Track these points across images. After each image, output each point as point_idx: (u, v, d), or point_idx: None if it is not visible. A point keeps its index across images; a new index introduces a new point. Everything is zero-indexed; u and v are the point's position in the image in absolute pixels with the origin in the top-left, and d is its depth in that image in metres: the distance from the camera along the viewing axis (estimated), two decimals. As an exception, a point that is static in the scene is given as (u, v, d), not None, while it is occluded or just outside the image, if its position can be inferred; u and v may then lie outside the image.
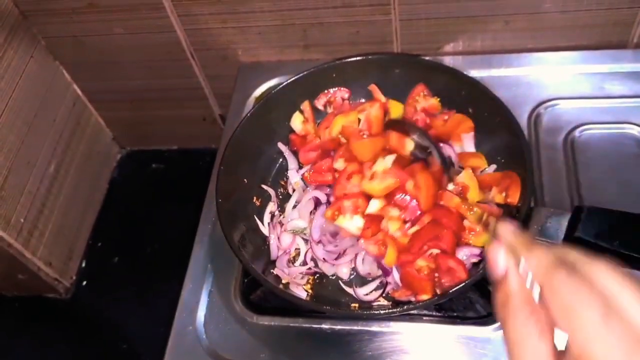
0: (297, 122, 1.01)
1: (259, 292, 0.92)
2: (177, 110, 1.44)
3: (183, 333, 0.92)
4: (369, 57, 1.00)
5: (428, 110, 0.98)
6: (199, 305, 0.93)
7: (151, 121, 1.50)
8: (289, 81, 1.00)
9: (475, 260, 0.83)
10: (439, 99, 0.99)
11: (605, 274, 0.40)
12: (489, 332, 0.83)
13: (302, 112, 1.02)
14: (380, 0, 1.06)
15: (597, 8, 1.03)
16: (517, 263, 0.45)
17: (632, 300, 0.39)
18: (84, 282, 1.43)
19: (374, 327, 0.87)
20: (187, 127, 1.50)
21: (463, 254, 0.83)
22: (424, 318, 0.86)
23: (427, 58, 1.04)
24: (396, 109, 0.98)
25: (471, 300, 0.86)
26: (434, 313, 0.86)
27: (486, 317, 0.85)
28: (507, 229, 0.48)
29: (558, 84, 1.05)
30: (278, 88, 1.00)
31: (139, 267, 1.42)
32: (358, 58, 0.99)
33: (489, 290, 0.83)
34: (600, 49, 1.08)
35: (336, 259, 0.90)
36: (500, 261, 0.46)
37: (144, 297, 1.37)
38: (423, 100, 0.98)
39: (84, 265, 1.45)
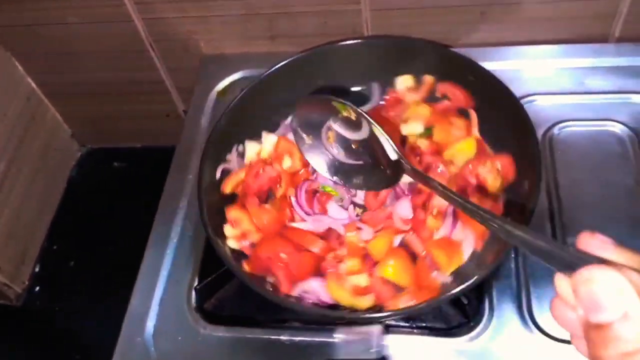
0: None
1: (214, 299, 0.85)
2: (140, 105, 1.37)
3: (130, 345, 0.85)
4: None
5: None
6: (149, 315, 0.87)
7: (112, 117, 1.42)
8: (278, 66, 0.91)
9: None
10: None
11: None
12: (460, 344, 0.77)
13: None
14: (350, -12, 1.00)
15: (576, 0, 0.97)
16: None
17: None
18: (37, 288, 1.34)
19: (338, 339, 0.80)
20: (150, 124, 1.42)
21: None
22: (390, 329, 0.79)
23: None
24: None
25: (441, 310, 0.79)
26: (402, 324, 0.80)
27: (457, 328, 0.79)
28: (565, 285, 0.37)
29: (537, 79, 1.00)
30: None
31: (96, 271, 1.34)
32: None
33: (460, 300, 0.77)
34: (581, 42, 1.02)
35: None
36: (567, 321, 0.38)
37: (102, 303, 1.28)
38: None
39: (37, 269, 1.37)
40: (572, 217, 0.85)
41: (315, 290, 0.77)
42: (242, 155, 0.91)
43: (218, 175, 0.88)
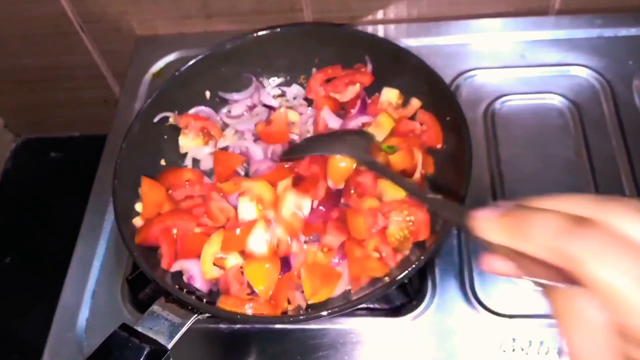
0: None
1: (148, 290, 0.81)
2: (75, 92, 1.30)
3: (62, 340, 0.81)
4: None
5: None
6: (81, 308, 0.83)
7: (47, 105, 1.35)
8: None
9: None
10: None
11: (631, 220, 0.31)
12: (404, 323, 0.76)
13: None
14: (286, -37, 0.96)
15: (515, -29, 0.96)
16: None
17: None
18: (-30, 286, 1.27)
19: (278, 326, 0.77)
20: (87, 111, 1.35)
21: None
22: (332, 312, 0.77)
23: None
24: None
25: (382, 290, 0.77)
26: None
27: (400, 308, 0.77)
28: (484, 227, 0.36)
29: (478, 53, 0.98)
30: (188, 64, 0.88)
31: (34, 267, 1.28)
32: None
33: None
34: (520, 15, 1.01)
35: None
36: (502, 272, 0.37)
37: (39, 300, 1.21)
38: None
39: (-30, 267, 1.30)
40: (514, 190, 0.85)
41: (189, 269, 0.75)
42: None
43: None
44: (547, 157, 0.87)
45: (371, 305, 0.77)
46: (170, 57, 1.06)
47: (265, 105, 0.93)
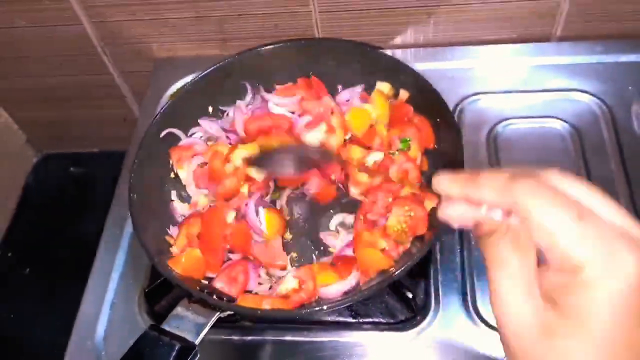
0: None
1: (164, 302, 0.85)
2: (95, 110, 1.36)
3: (81, 349, 0.85)
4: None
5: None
6: (100, 319, 0.87)
7: (68, 122, 1.41)
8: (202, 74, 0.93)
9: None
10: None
11: (565, 181, 0.39)
12: (408, 338, 0.79)
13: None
14: (298, -9, 1.01)
15: (518, 0, 1.00)
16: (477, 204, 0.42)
17: (599, 201, 0.38)
18: (-8, 296, 1.32)
19: (288, 337, 0.81)
20: (107, 128, 1.41)
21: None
22: (338, 324, 0.81)
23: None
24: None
25: (387, 306, 0.81)
26: (349, 320, 0.81)
27: (404, 322, 0.80)
28: (443, 182, 0.44)
29: (481, 78, 1.02)
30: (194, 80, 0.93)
31: (53, 278, 1.32)
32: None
33: (406, 295, 0.79)
34: (523, 42, 1.05)
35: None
36: (454, 217, 0.44)
37: (58, 310, 1.26)
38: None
39: (-8, 277, 1.34)
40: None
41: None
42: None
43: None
44: (548, 179, 0.90)
45: (377, 320, 0.81)
46: (187, 78, 1.10)
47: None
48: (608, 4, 1.01)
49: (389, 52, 1.00)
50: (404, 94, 0.91)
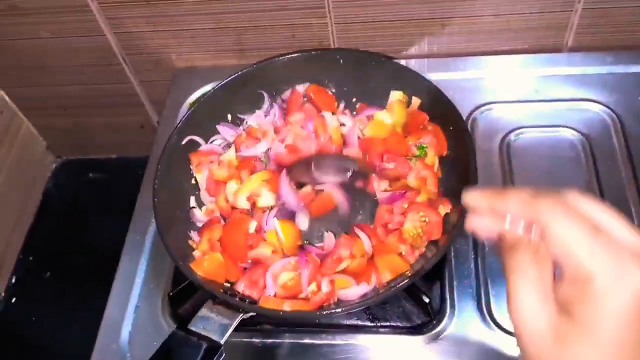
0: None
1: (188, 305, 0.87)
2: (114, 117, 1.39)
3: (106, 351, 0.87)
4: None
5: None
6: (124, 322, 0.89)
7: (87, 129, 1.44)
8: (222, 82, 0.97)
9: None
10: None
11: (583, 201, 0.42)
12: (424, 341, 0.81)
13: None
14: (315, 3, 1.04)
15: (530, 12, 1.03)
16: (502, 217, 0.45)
17: (614, 220, 0.41)
18: (13, 299, 1.35)
19: (307, 340, 0.84)
20: (125, 135, 1.44)
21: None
22: (356, 327, 0.83)
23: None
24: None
25: (405, 310, 0.83)
26: (367, 324, 0.84)
27: (421, 326, 0.83)
28: (473, 195, 0.47)
29: (494, 88, 1.05)
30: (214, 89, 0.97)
31: (72, 282, 1.36)
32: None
33: (423, 299, 0.81)
34: (535, 52, 1.08)
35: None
36: (480, 228, 0.47)
37: (78, 313, 1.30)
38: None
39: (13, 281, 1.38)
40: (528, 218, 0.90)
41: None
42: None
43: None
44: (560, 186, 0.92)
45: (394, 323, 0.83)
46: (206, 88, 1.13)
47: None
48: (618, 16, 1.03)
49: (403, 62, 1.03)
50: (415, 101, 0.94)
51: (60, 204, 1.48)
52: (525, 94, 1.03)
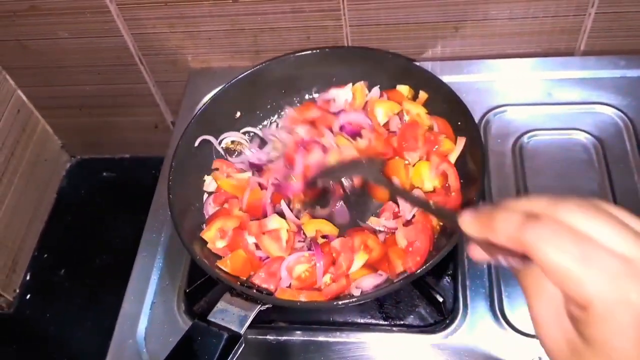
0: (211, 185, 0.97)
1: (203, 302, 0.88)
2: (129, 117, 1.41)
3: (123, 346, 0.88)
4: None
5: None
6: (140, 318, 0.90)
7: (102, 128, 1.46)
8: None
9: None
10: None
11: (578, 214, 0.40)
12: (437, 340, 0.82)
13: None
14: (330, 5, 1.05)
15: (543, 15, 1.03)
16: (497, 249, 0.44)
17: (612, 231, 0.39)
18: (28, 296, 1.37)
19: (321, 338, 0.85)
20: (139, 135, 1.46)
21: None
22: (370, 326, 0.84)
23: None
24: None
25: (418, 309, 0.84)
26: (381, 322, 0.85)
27: (434, 325, 0.83)
28: (466, 223, 0.46)
29: (507, 91, 1.05)
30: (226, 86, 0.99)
31: (86, 279, 1.37)
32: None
33: (436, 298, 0.82)
34: (548, 56, 1.08)
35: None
36: (479, 260, 0.47)
37: (91, 310, 1.32)
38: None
39: (28, 277, 1.39)
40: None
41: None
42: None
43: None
44: (572, 189, 0.93)
45: (407, 322, 0.84)
46: (221, 89, 1.16)
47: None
48: (631, 20, 1.04)
49: (416, 64, 1.04)
50: (422, 95, 0.96)
51: (74, 202, 1.50)
52: (538, 96, 1.04)
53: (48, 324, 1.33)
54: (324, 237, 0.87)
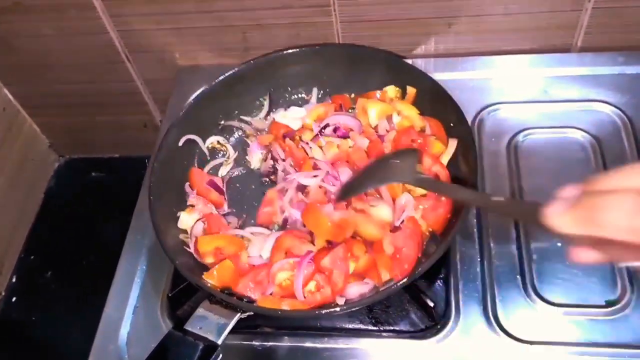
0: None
1: (186, 306, 0.86)
2: (117, 116, 1.38)
3: (104, 352, 0.86)
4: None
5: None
6: (122, 322, 0.88)
7: (90, 127, 1.43)
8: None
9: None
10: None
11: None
12: (428, 346, 0.79)
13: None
14: (320, 1, 1.02)
15: (539, 11, 1.01)
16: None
17: None
18: (14, 299, 1.34)
19: (308, 344, 0.82)
20: (128, 134, 1.43)
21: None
22: (359, 331, 0.81)
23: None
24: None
25: (408, 314, 0.82)
26: (370, 328, 0.82)
27: (425, 331, 0.81)
28: (559, 220, 0.37)
29: (502, 88, 1.03)
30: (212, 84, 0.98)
31: (73, 281, 1.35)
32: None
33: (427, 303, 0.80)
34: (544, 52, 1.06)
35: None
36: (591, 263, 0.39)
37: (79, 313, 1.28)
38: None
39: (14, 280, 1.37)
40: (535, 221, 0.88)
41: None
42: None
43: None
44: (568, 189, 0.91)
45: (397, 328, 0.81)
46: (210, 87, 1.13)
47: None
48: (628, 16, 1.01)
49: (409, 61, 1.02)
50: (410, 91, 0.94)
51: (62, 202, 1.47)
52: (533, 94, 1.01)
53: (34, 326, 1.31)
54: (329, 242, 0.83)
